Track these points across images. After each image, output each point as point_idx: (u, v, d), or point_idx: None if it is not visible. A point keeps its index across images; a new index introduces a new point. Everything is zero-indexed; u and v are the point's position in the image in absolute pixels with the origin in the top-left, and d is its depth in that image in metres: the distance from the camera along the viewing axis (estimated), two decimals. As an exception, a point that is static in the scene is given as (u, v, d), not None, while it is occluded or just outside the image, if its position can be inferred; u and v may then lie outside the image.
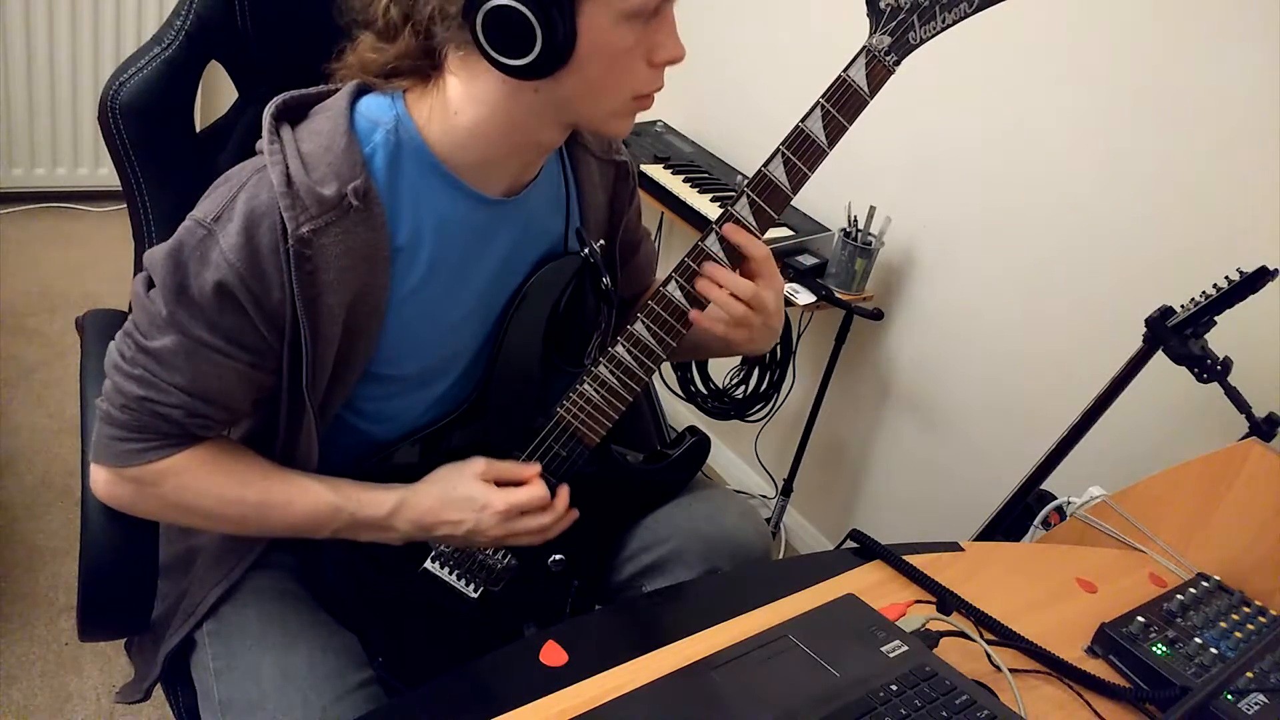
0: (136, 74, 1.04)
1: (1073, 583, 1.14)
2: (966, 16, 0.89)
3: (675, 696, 0.84)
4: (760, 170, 0.94)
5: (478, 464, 1.01)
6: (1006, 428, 1.88)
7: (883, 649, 0.91)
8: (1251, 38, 1.45)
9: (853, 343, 2.05)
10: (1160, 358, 1.41)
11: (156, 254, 0.86)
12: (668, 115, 2.47)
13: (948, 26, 0.90)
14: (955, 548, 1.15)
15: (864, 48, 0.91)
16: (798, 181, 0.95)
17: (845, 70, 0.91)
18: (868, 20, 0.91)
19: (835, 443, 2.24)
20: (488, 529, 0.99)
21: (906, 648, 0.91)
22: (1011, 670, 0.95)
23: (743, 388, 2.17)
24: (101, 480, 0.94)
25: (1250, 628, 1.07)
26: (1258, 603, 1.12)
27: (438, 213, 0.92)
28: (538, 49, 0.81)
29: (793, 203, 0.99)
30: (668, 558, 1.13)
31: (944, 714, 0.84)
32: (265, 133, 0.86)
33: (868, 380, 2.14)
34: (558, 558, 1.12)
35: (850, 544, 1.11)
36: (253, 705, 0.92)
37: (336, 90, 0.91)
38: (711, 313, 0.99)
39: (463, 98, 0.88)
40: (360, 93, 0.91)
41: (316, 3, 0.93)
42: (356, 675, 0.96)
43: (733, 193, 1.17)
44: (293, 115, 0.90)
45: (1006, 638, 1.00)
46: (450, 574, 1.08)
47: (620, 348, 1.00)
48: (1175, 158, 1.56)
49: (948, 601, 1.01)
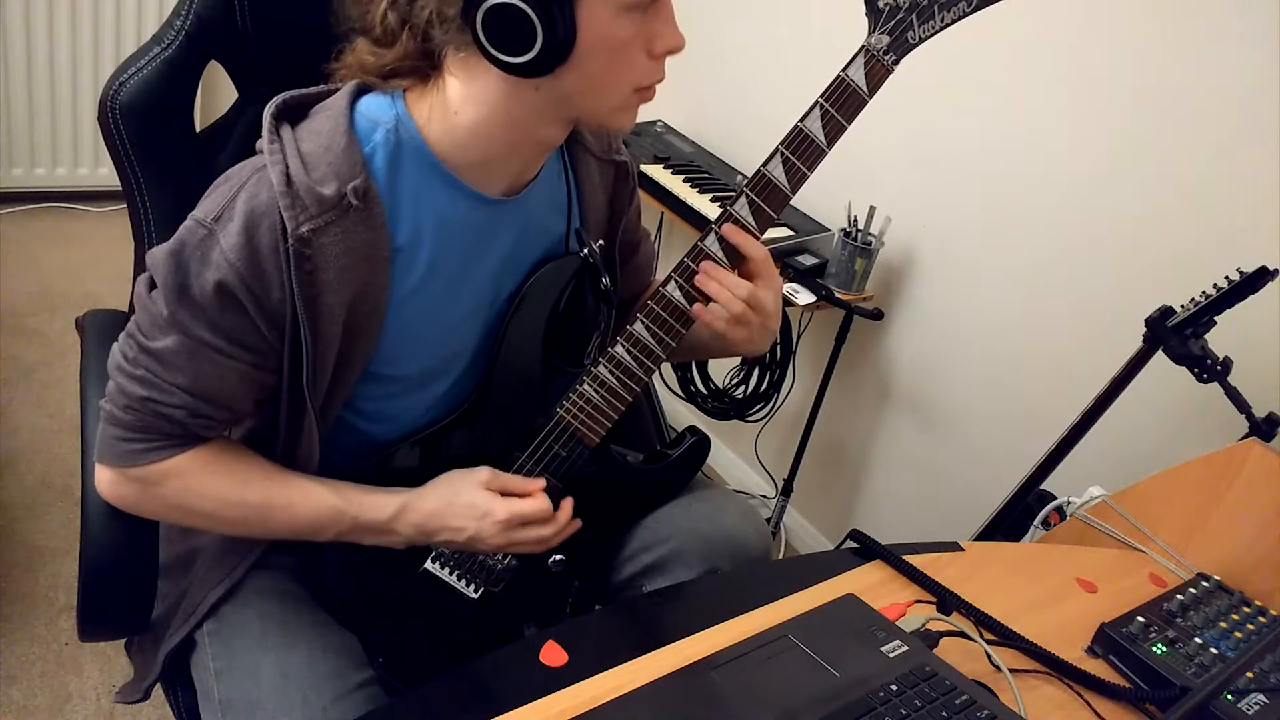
0: (136, 74, 1.04)
1: (1073, 583, 1.14)
2: (965, 16, 0.89)
3: (675, 696, 0.84)
4: (759, 170, 0.94)
5: (482, 473, 1.01)
6: (1006, 428, 1.88)
7: (883, 649, 0.91)
8: (1251, 38, 1.45)
9: (853, 343, 2.05)
10: (1160, 358, 1.41)
11: (158, 254, 0.86)
12: (668, 115, 2.47)
13: (946, 26, 0.90)
14: (955, 548, 1.15)
15: (863, 47, 0.91)
16: (797, 181, 0.95)
17: (844, 70, 0.91)
18: (866, 20, 0.91)
19: (835, 443, 2.24)
20: (489, 537, 0.99)
21: (906, 648, 0.91)
22: (1011, 670, 0.95)
23: (743, 388, 2.17)
24: (106, 480, 0.94)
25: (1250, 628, 1.07)
26: (1258, 603, 1.12)
27: (438, 212, 0.92)
28: (538, 45, 0.81)
29: (792, 202, 0.99)
30: (668, 558, 1.13)
31: (944, 714, 0.84)
32: (265, 132, 0.86)
33: (868, 380, 2.14)
34: (558, 558, 1.12)
35: (850, 544, 1.11)
36: (253, 705, 0.92)
37: (337, 90, 0.91)
38: (711, 309, 0.99)
39: (463, 98, 0.88)
40: (360, 92, 0.91)
41: (316, 3, 0.93)
42: (356, 675, 0.96)
43: (732, 193, 1.17)
44: (293, 115, 0.90)
45: (1006, 638, 1.00)
46: (450, 574, 1.08)
47: (620, 348, 1.00)
48: (1175, 158, 1.56)
49: (948, 601, 1.01)
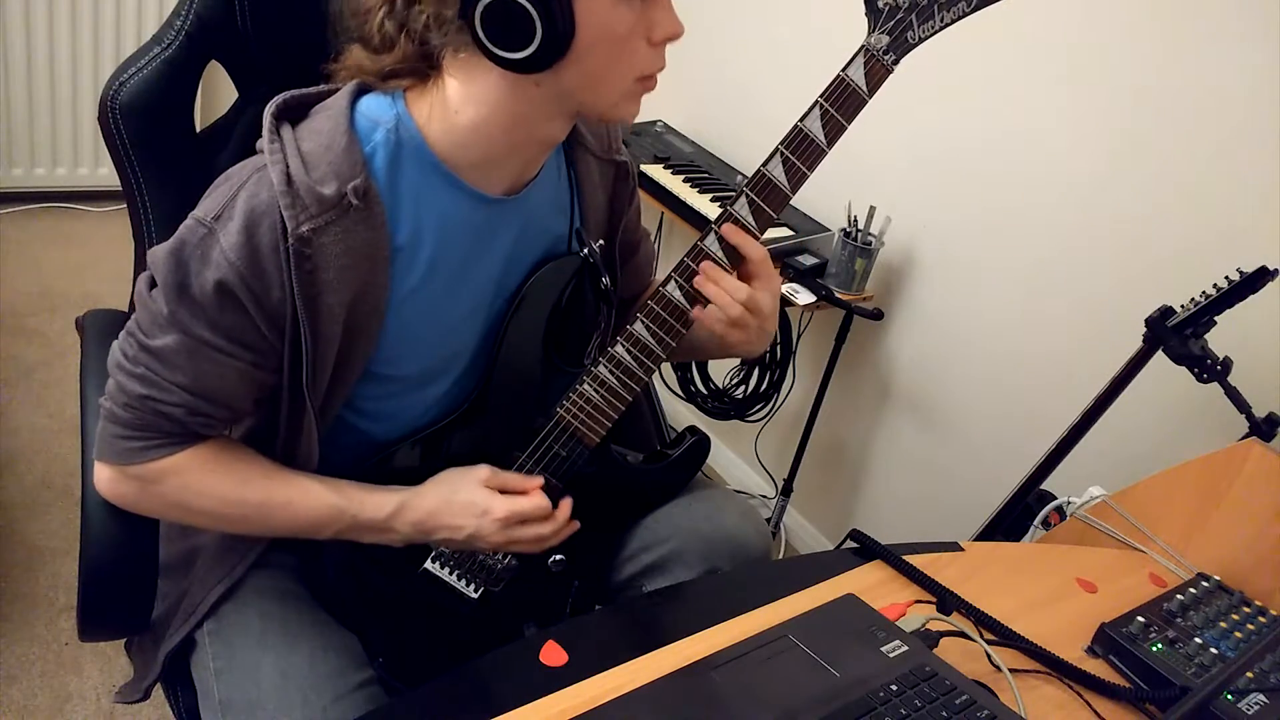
0: (136, 74, 1.04)
1: (1073, 583, 1.14)
2: (965, 15, 0.89)
3: (675, 696, 0.84)
4: (759, 170, 0.94)
5: (482, 470, 1.01)
6: (1006, 428, 1.88)
7: (883, 649, 0.91)
8: (1251, 38, 1.45)
9: (853, 343, 2.05)
10: (1160, 358, 1.41)
11: (158, 253, 0.86)
12: (668, 115, 2.47)
13: (946, 25, 0.90)
14: (955, 548, 1.15)
15: (862, 47, 0.91)
16: (797, 181, 0.95)
17: (844, 70, 0.91)
18: (866, 20, 0.91)
19: (835, 443, 2.24)
20: (488, 535, 0.99)
21: (906, 648, 0.91)
22: (1011, 670, 0.95)
23: (743, 388, 2.17)
24: (105, 478, 0.94)
25: (1250, 628, 1.07)
26: (1258, 603, 1.12)
27: (438, 212, 0.92)
28: (538, 40, 0.80)
29: (792, 202, 0.99)
30: (668, 558, 1.13)
31: (944, 714, 0.84)
32: (265, 132, 0.86)
33: (868, 380, 2.14)
34: (558, 558, 1.12)
35: (850, 544, 1.11)
36: (253, 705, 0.92)
37: (337, 90, 0.91)
38: (710, 310, 0.99)
39: (463, 98, 0.88)
40: (361, 92, 0.91)
41: (316, 3, 0.93)
42: (357, 675, 0.96)
43: (732, 193, 1.17)
44: (293, 114, 0.90)
45: (1006, 638, 1.00)
46: (450, 574, 1.08)
47: (620, 348, 1.00)
48: (1175, 158, 1.56)
49: (948, 601, 1.01)
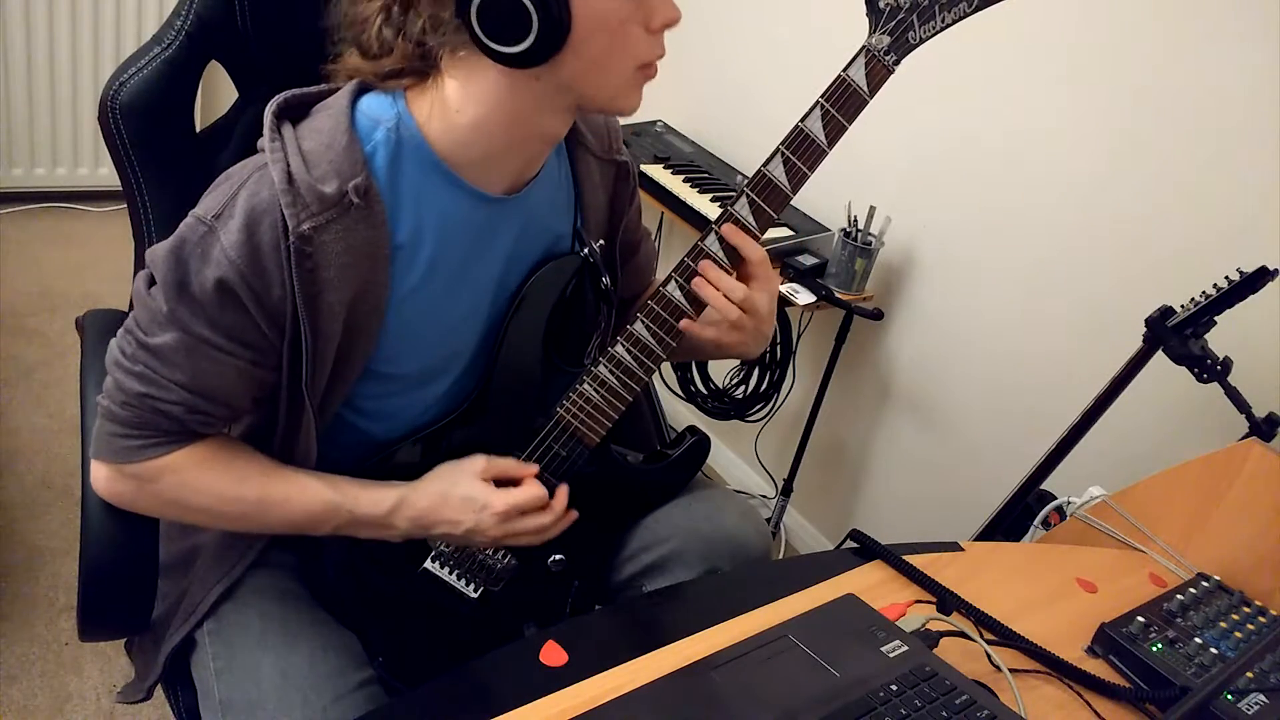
0: (136, 74, 1.04)
1: (1073, 583, 1.14)
2: (966, 16, 0.89)
3: (675, 696, 0.83)
4: (760, 170, 0.94)
5: (477, 462, 1.01)
6: (1006, 428, 1.88)
7: (883, 649, 0.91)
8: (1251, 38, 1.45)
9: (853, 343, 2.05)
10: (1160, 358, 1.41)
11: (158, 251, 0.86)
12: (668, 115, 2.47)
13: (947, 26, 0.90)
14: (955, 548, 1.15)
15: (863, 47, 0.91)
16: (797, 181, 0.95)
17: (845, 70, 0.91)
18: (867, 20, 0.91)
19: (835, 443, 2.24)
20: (487, 529, 0.99)
21: (906, 648, 0.91)
22: (1011, 670, 0.95)
23: (743, 388, 2.17)
24: (102, 477, 0.94)
25: (1250, 628, 1.07)
26: (1258, 603, 1.12)
27: (439, 211, 0.92)
28: (534, 32, 0.80)
29: (793, 203, 0.99)
30: (668, 558, 1.13)
31: (944, 714, 0.84)
32: (266, 130, 0.86)
33: (868, 380, 2.14)
34: (558, 558, 1.12)
35: (850, 544, 1.11)
36: (253, 705, 0.92)
37: (338, 89, 0.91)
38: (705, 316, 0.99)
39: (463, 97, 0.88)
40: (361, 91, 0.91)
41: (316, 3, 0.93)
42: (356, 675, 0.96)
43: (733, 193, 1.17)
44: (294, 113, 0.90)
45: (1006, 638, 1.00)
46: (450, 574, 1.08)
47: (620, 348, 1.00)
48: (1175, 158, 1.56)
49: (948, 601, 1.01)
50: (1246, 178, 1.48)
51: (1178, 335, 1.38)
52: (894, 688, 0.86)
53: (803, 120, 0.93)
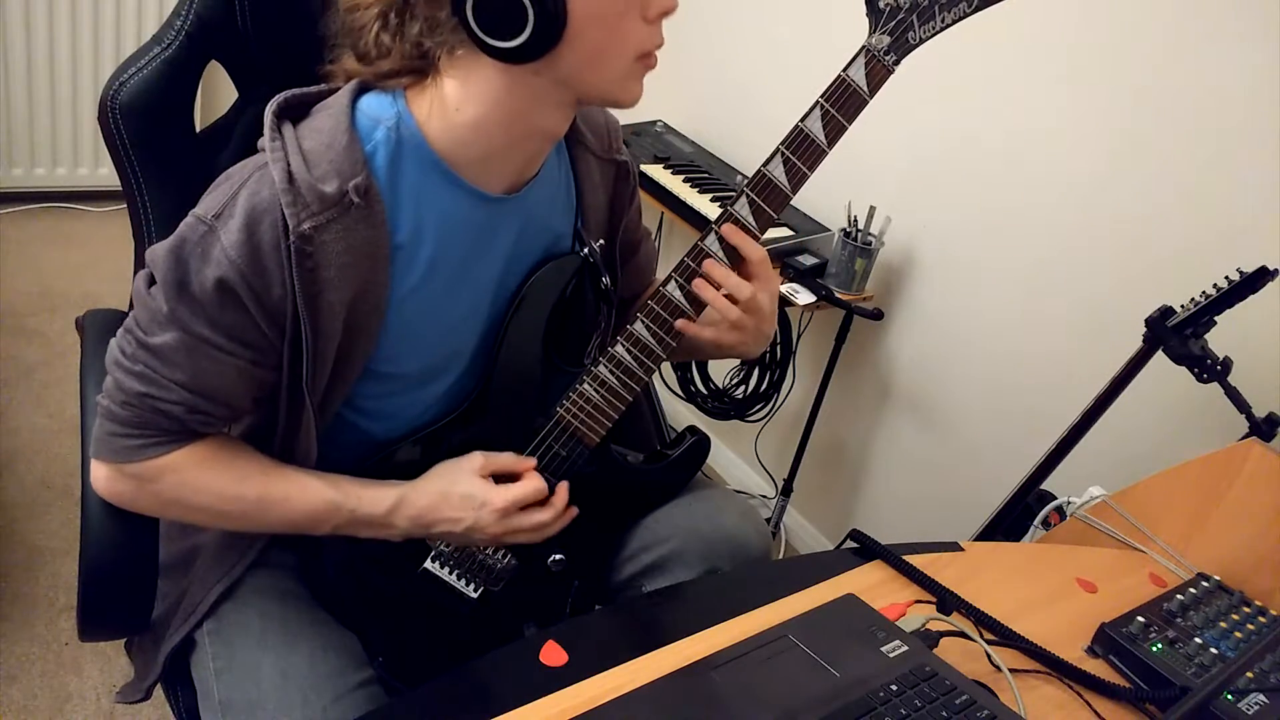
0: (136, 74, 1.04)
1: (1073, 583, 1.14)
2: (966, 16, 0.89)
3: (675, 696, 0.83)
4: (760, 170, 0.94)
5: (475, 459, 1.01)
6: (1006, 428, 1.88)
7: (883, 649, 0.91)
8: (1251, 38, 1.45)
9: (853, 343, 2.05)
10: (1160, 358, 1.41)
11: (158, 250, 0.86)
12: (668, 115, 2.47)
13: (947, 26, 0.90)
14: (955, 548, 1.15)
15: (863, 47, 0.91)
16: (797, 181, 0.95)
17: (844, 70, 0.91)
18: (867, 20, 0.91)
19: (835, 443, 2.24)
20: (487, 526, 0.99)
21: (906, 648, 0.91)
22: (1011, 670, 0.95)
23: (743, 388, 2.17)
24: (102, 476, 0.94)
25: (1250, 628, 1.07)
26: (1258, 603, 1.12)
27: (439, 211, 0.92)
28: (531, 24, 0.80)
29: (793, 203, 0.99)
30: (668, 558, 1.13)
31: (944, 714, 0.84)
32: (266, 130, 0.86)
33: (868, 380, 2.14)
34: (558, 557, 1.12)
35: (850, 544, 1.11)
36: (253, 705, 0.92)
37: (338, 89, 0.91)
38: (705, 316, 0.99)
39: (462, 96, 0.88)
40: (361, 90, 0.91)
41: (317, 3, 0.93)
42: (356, 675, 0.96)
43: (733, 193, 1.17)
44: (294, 113, 0.90)
45: (1006, 638, 1.00)
46: (450, 574, 1.08)
47: (620, 347, 1.00)
48: (1175, 158, 1.56)
49: (948, 601, 1.01)
50: (1246, 178, 1.48)
51: (1178, 335, 1.38)
52: (894, 688, 0.86)
53: (802, 120, 0.93)
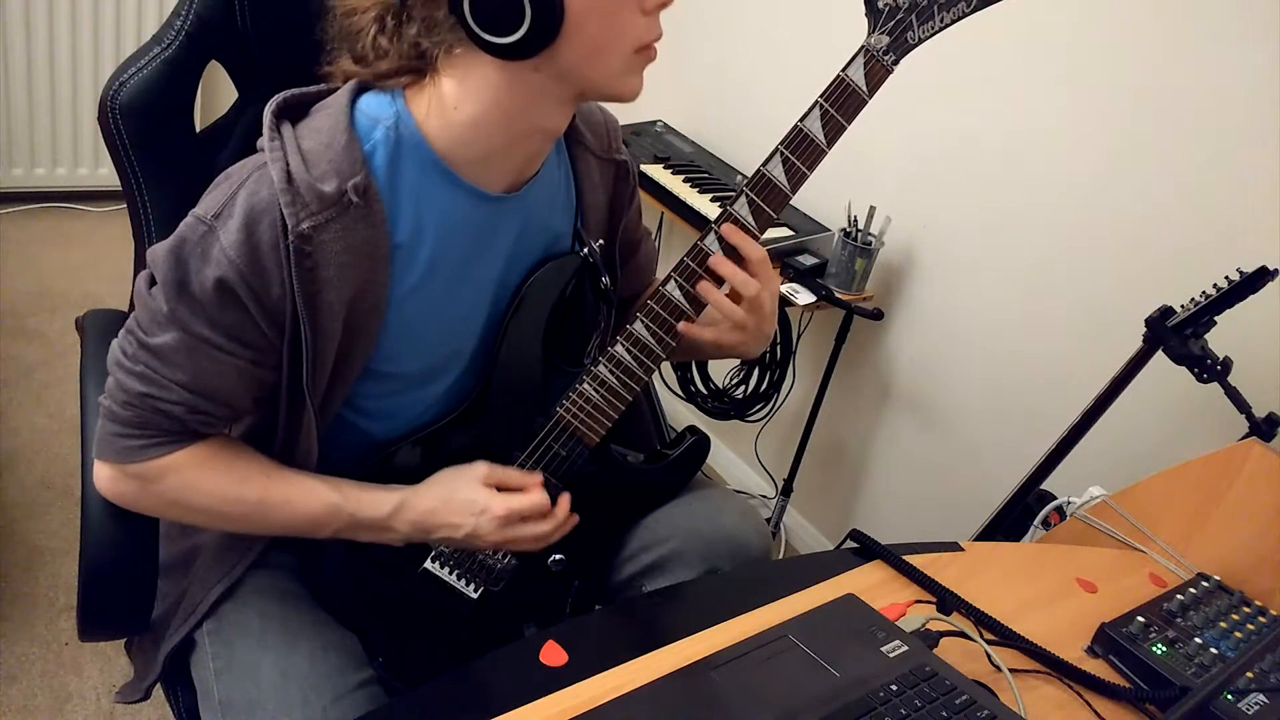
0: (136, 74, 1.04)
1: (1073, 583, 1.14)
2: (965, 16, 0.89)
3: (675, 696, 0.83)
4: (759, 170, 0.94)
5: (480, 468, 1.01)
6: (1006, 428, 1.88)
7: (883, 649, 0.91)
8: (1251, 38, 1.45)
9: (853, 343, 2.05)
10: (1160, 358, 1.41)
11: (158, 251, 0.87)
12: (668, 115, 2.47)
13: (946, 26, 0.90)
14: (955, 548, 1.15)
15: (862, 47, 0.91)
16: (797, 181, 0.95)
17: (844, 70, 0.91)
18: (866, 20, 0.91)
19: (835, 443, 2.24)
20: (487, 533, 0.99)
21: (906, 648, 0.91)
22: (1011, 670, 0.95)
23: (743, 388, 2.17)
24: (105, 477, 0.94)
25: (1250, 628, 1.07)
26: (1258, 603, 1.12)
27: (439, 210, 0.92)
28: (528, 19, 0.80)
29: (792, 202, 0.99)
30: (668, 558, 1.13)
31: (944, 714, 0.84)
32: (266, 130, 0.86)
33: (868, 380, 2.14)
34: (558, 557, 1.12)
35: (850, 544, 1.11)
36: (253, 705, 0.92)
37: (337, 88, 0.91)
38: (706, 316, 0.99)
39: (461, 95, 0.88)
40: (361, 90, 0.91)
41: (316, 3, 0.93)
42: (356, 675, 0.96)
43: (732, 193, 1.17)
44: (293, 113, 0.90)
45: (1006, 638, 1.00)
46: (450, 574, 1.08)
47: (620, 347, 1.00)
48: (1175, 158, 1.56)
49: (948, 601, 1.01)
50: (1246, 178, 1.48)
51: (1178, 335, 1.38)
52: (894, 688, 0.86)
53: (802, 120, 0.93)
